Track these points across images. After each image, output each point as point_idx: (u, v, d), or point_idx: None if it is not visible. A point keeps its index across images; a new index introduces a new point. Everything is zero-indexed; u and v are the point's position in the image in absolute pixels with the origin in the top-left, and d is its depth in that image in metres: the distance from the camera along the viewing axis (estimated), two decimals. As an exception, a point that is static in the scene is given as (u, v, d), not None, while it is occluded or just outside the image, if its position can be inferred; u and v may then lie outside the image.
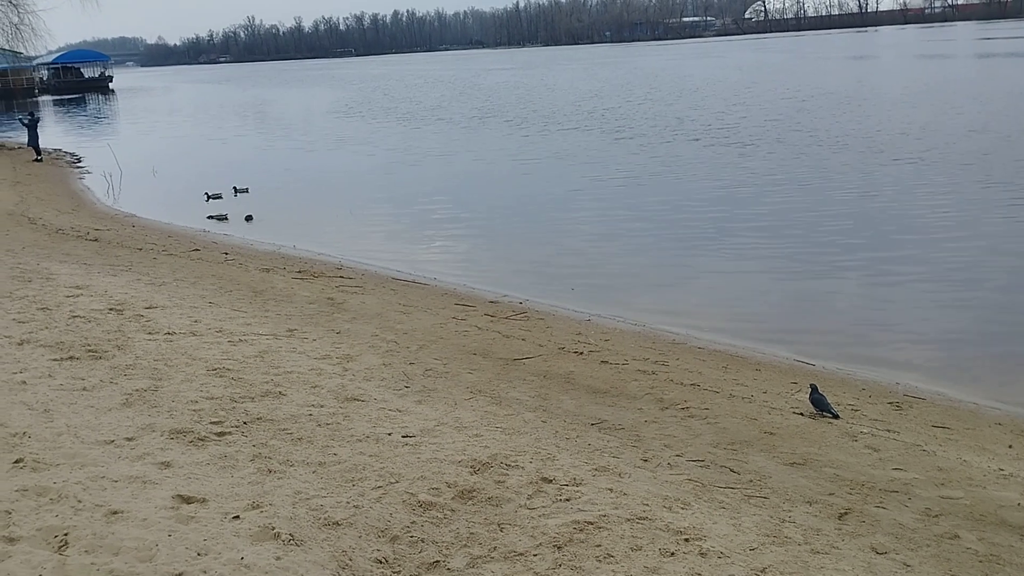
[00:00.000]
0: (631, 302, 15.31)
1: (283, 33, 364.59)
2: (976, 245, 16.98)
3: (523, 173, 30.49)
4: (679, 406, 9.47)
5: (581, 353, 11.75)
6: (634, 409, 9.32)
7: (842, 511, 6.66)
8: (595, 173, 28.90)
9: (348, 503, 5.97)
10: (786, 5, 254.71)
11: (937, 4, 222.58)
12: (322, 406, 8.08)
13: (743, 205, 22.26)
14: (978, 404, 10.38)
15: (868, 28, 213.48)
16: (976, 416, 9.93)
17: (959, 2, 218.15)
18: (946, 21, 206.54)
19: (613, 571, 5.35)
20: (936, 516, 6.72)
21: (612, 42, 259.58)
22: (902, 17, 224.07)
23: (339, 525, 5.64)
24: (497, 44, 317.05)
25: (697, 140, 34.90)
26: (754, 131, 36.15)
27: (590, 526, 5.92)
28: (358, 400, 8.43)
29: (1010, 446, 8.80)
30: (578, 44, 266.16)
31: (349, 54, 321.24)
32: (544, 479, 6.70)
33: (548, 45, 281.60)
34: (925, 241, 17.50)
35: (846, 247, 17.54)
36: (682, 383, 10.47)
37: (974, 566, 5.88)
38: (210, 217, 24.04)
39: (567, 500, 6.36)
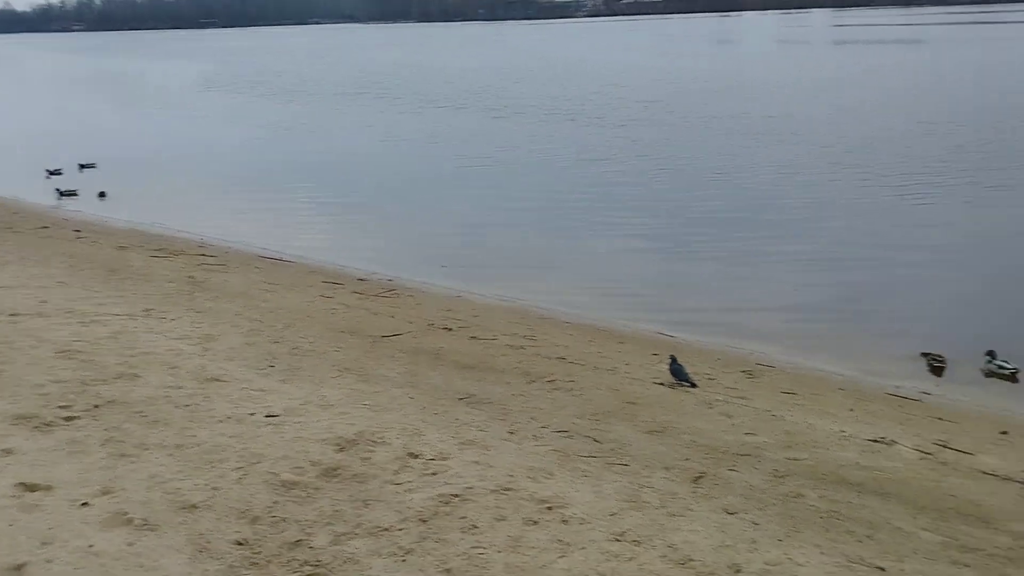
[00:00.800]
0: (502, 279, 15.46)
1: (141, 2, 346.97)
2: (831, 226, 17.89)
3: (395, 151, 30.23)
4: (546, 379, 9.63)
5: (450, 329, 11.78)
6: (502, 383, 9.43)
7: (697, 475, 6.95)
8: (469, 152, 28.94)
9: (207, 485, 5.82)
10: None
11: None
12: (180, 387, 7.82)
13: (614, 185, 22.74)
14: (824, 371, 11.03)
15: (732, 12, 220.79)
16: (822, 382, 10.53)
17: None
18: (803, 7, 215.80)
19: (477, 542, 5.42)
20: (783, 477, 7.10)
21: (486, 20, 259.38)
22: (763, 3, 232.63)
23: (196, 508, 5.49)
24: (369, 19, 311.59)
25: (573, 120, 35.37)
26: (627, 112, 36.90)
27: (456, 499, 5.97)
28: (219, 380, 8.19)
29: (851, 409, 9.37)
30: (452, 21, 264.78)
31: (213, 25, 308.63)
32: (411, 454, 6.71)
33: (422, 21, 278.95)
34: (782, 221, 18.33)
35: (709, 226, 18.20)
36: (549, 357, 10.66)
37: (815, 522, 6.24)
38: (59, 193, 22.75)
39: (433, 474, 6.39)
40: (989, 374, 10.91)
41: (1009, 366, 10.79)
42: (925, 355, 11.27)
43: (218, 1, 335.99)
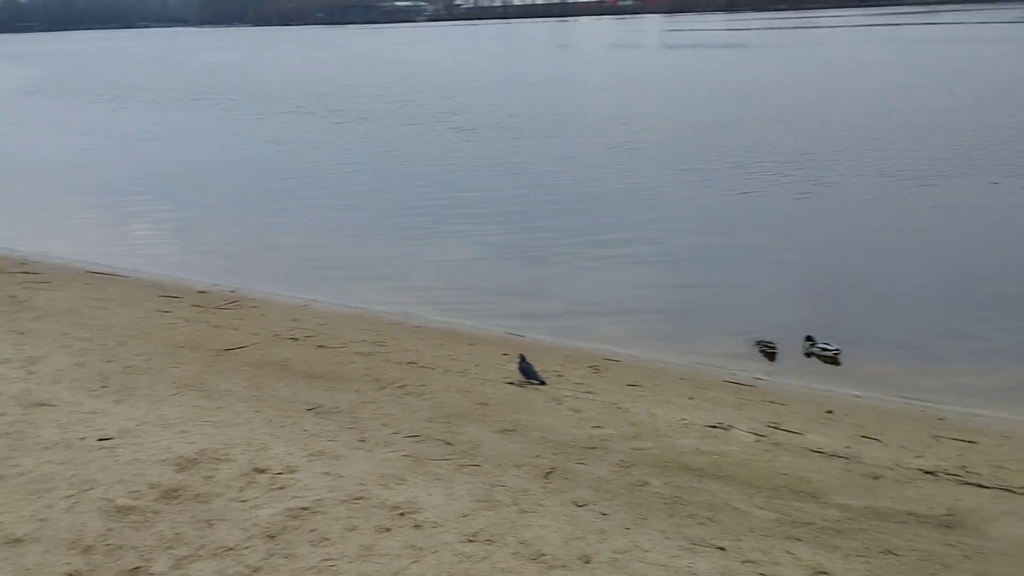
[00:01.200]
0: (350, 286, 15.24)
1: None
2: (669, 225, 18.56)
3: (235, 157, 29.28)
4: (396, 385, 9.57)
5: (297, 339, 11.52)
6: (351, 391, 9.30)
7: (547, 470, 7.07)
8: (313, 158, 28.37)
9: (33, 517, 5.46)
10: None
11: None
12: (2, 415, 7.30)
13: (462, 189, 22.80)
14: (666, 362, 11.45)
15: (569, 18, 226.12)
16: (663, 373, 10.94)
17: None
18: (636, 14, 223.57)
19: (328, 554, 5.32)
20: (629, 467, 7.32)
21: (325, 24, 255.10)
22: (598, 8, 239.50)
23: (22, 542, 5.14)
24: (203, 22, 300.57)
25: (415, 125, 35.24)
26: (473, 117, 37.08)
27: (305, 512, 5.85)
28: (46, 405, 7.70)
29: (691, 398, 9.77)
30: (290, 25, 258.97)
31: (32, 29, 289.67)
32: (257, 470, 6.52)
33: (258, 25, 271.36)
34: (625, 223, 18.86)
35: (556, 228, 18.50)
36: (399, 362, 10.59)
37: (660, 508, 6.47)
38: None
39: (281, 488, 6.23)
40: (809, 354, 11.62)
41: (831, 347, 11.54)
42: (759, 343, 11.90)
43: (37, 4, 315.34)
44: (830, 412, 9.58)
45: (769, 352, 11.75)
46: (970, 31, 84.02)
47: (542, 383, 9.80)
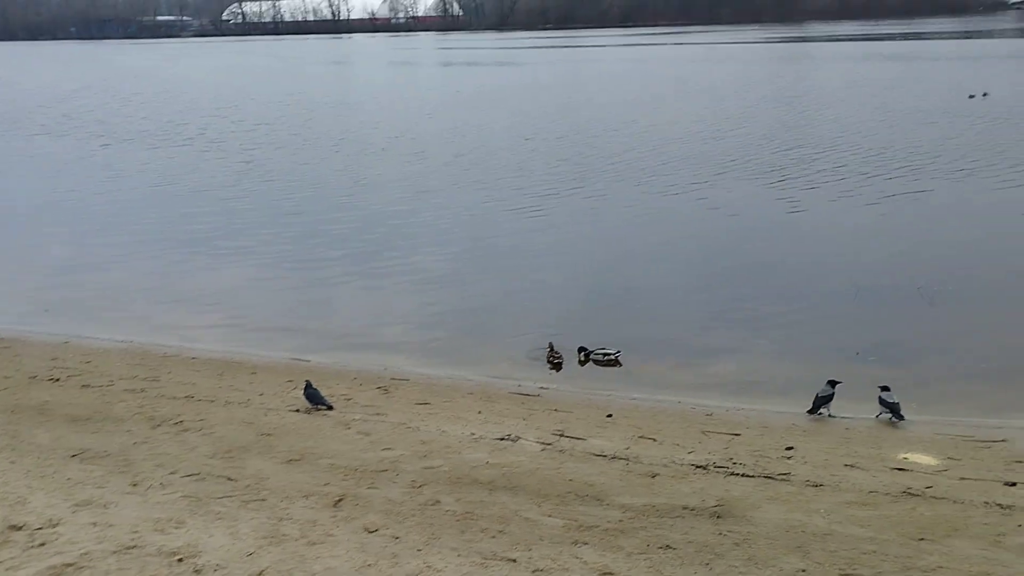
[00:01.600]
0: (118, 319, 14.28)
1: None
2: (451, 240, 18.75)
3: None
4: (172, 421, 9.04)
5: (58, 380, 10.64)
6: (122, 432, 8.68)
7: (337, 498, 6.92)
8: (71, 182, 26.38)
9: None
10: (263, 9, 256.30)
11: (401, 15, 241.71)
12: None
13: (236, 213, 21.89)
14: (454, 378, 11.55)
15: (342, 35, 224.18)
16: (453, 389, 11.02)
17: (419, 15, 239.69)
18: (410, 31, 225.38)
19: (97, 612, 4.92)
20: (421, 487, 7.30)
21: (80, 39, 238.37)
22: (372, 25, 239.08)
23: None
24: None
25: (188, 145, 33.55)
26: (250, 136, 35.79)
27: (69, 568, 5.40)
28: None
29: (479, 412, 9.91)
30: (39, 39, 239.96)
31: None
32: (12, 527, 5.95)
33: (2, 40, 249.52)
34: (404, 239, 18.85)
35: (339, 250, 18.17)
36: (175, 397, 10.03)
37: (453, 525, 6.49)
38: None
39: (41, 545, 5.72)
40: (583, 363, 12.13)
41: (611, 352, 12.05)
42: (549, 355, 12.22)
43: None
44: (610, 416, 10.02)
45: (556, 362, 12.11)
46: (719, 50, 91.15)
47: (329, 408, 9.61)
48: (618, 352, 12.10)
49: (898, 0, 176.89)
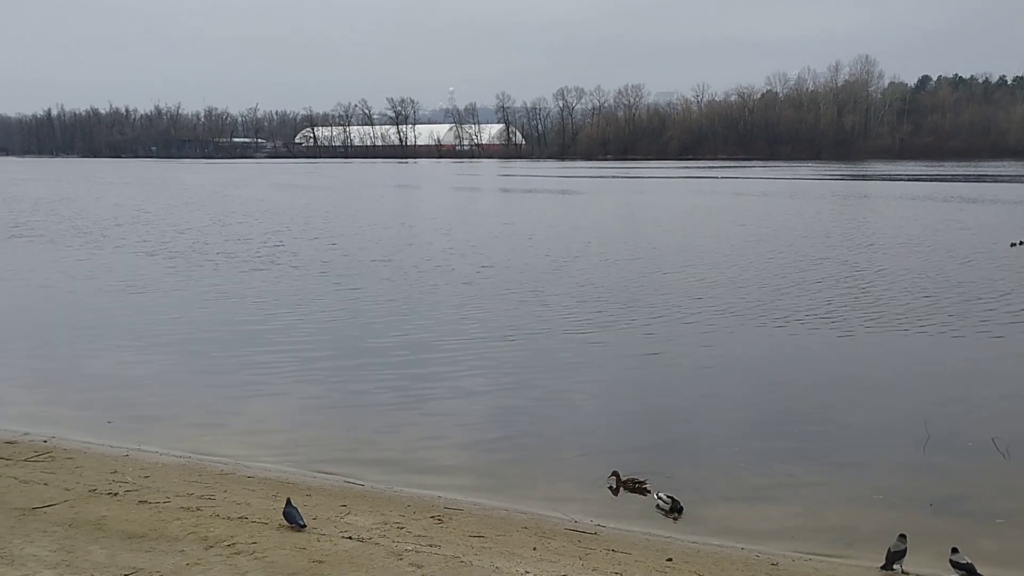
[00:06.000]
0: (176, 433, 14.40)
1: None
2: (512, 359, 18.70)
3: (36, 295, 27.69)
4: (225, 543, 8.96)
5: (116, 494, 10.67)
6: (175, 552, 8.62)
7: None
8: (130, 296, 27.21)
9: None
10: (334, 133, 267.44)
11: (466, 143, 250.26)
12: None
13: (285, 332, 22.03)
14: (508, 509, 11.30)
15: (408, 159, 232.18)
16: (507, 522, 10.77)
17: (484, 143, 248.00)
18: (473, 157, 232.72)
19: None
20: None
21: (159, 157, 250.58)
22: (437, 152, 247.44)
23: None
24: (25, 152, 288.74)
25: (251, 271, 34.55)
26: (303, 253, 36.79)
27: None
28: None
29: (534, 548, 9.64)
30: (120, 157, 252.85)
31: None
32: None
33: (87, 156, 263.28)
34: (452, 358, 18.84)
35: (385, 371, 18.11)
36: (229, 517, 9.96)
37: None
38: None
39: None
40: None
41: (670, 498, 11.57)
42: (619, 481, 11.95)
43: None
44: (670, 560, 9.65)
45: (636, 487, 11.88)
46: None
47: (302, 527, 9.46)
48: (674, 501, 11.57)
49: (959, 142, 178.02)
